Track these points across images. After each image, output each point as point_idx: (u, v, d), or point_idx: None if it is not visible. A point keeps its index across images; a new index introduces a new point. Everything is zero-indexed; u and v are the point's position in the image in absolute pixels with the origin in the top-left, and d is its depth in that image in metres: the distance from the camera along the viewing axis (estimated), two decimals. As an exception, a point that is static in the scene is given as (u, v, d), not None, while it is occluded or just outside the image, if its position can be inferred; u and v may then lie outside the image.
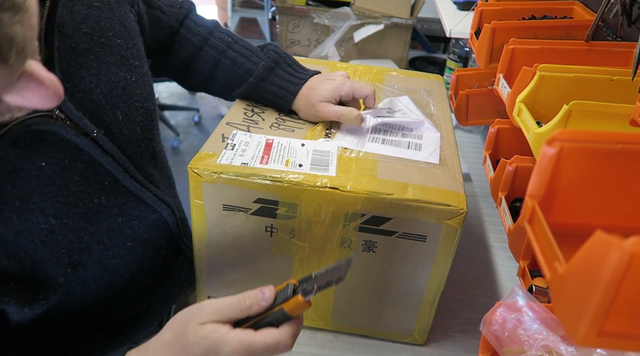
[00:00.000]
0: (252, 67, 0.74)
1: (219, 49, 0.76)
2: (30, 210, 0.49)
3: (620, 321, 0.27)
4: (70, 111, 0.51)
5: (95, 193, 0.55)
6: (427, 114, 0.76)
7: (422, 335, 0.70)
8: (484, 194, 1.06)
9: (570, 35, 0.71)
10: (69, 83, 0.52)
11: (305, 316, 0.71)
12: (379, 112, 0.74)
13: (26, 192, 0.49)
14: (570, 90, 0.55)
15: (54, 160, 0.50)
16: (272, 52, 0.75)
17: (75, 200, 0.53)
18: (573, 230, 0.37)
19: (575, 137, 0.36)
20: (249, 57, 0.75)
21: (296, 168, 0.60)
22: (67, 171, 0.52)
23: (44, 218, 0.50)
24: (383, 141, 0.68)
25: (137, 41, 0.64)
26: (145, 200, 0.61)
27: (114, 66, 0.58)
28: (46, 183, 0.50)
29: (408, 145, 0.68)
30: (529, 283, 0.58)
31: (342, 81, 0.72)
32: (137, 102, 0.61)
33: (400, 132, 0.70)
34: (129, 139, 0.60)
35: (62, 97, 0.37)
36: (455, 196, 0.58)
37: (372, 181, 0.59)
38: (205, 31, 0.77)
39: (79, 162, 0.53)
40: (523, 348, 0.45)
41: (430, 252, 0.61)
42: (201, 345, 0.45)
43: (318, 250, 0.64)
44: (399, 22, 1.48)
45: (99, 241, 0.56)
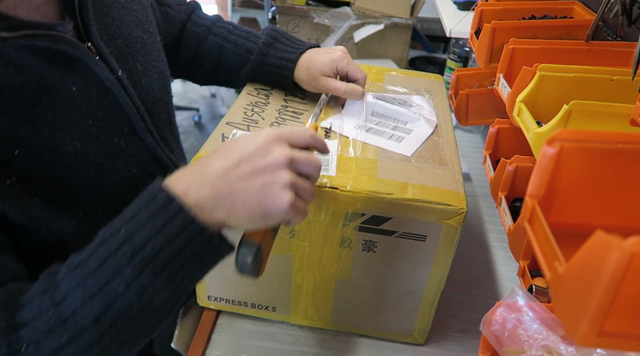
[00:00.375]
0: (253, 46, 0.79)
1: (222, 35, 0.82)
2: (59, 128, 0.53)
3: (620, 321, 0.27)
4: (100, 46, 0.57)
5: (115, 134, 0.59)
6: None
7: (422, 334, 0.70)
8: (484, 194, 1.06)
9: (570, 35, 0.71)
10: (98, 24, 0.58)
11: (305, 316, 0.71)
12: (382, 96, 0.74)
13: (58, 109, 0.53)
14: (570, 90, 0.55)
15: (82, 88, 0.55)
16: (270, 31, 0.80)
17: (98, 133, 0.57)
18: (573, 230, 0.37)
19: (576, 137, 0.36)
20: (248, 39, 0.80)
21: None
22: (93, 103, 0.56)
23: (71, 141, 0.54)
24: (369, 129, 0.69)
25: (150, 16, 0.71)
26: (160, 160, 0.65)
27: (132, 25, 0.65)
28: (74, 108, 0.54)
29: (390, 136, 0.68)
30: (529, 283, 0.58)
31: (340, 55, 0.74)
32: (154, 62, 0.67)
33: (393, 124, 0.71)
34: (147, 92, 0.65)
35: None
36: (455, 195, 0.58)
37: (372, 180, 0.59)
38: (208, 22, 0.84)
39: (104, 98, 0.58)
40: (523, 348, 0.45)
41: (430, 252, 0.61)
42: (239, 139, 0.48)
43: (318, 250, 0.64)
44: (399, 22, 1.48)
45: (115, 187, 0.59)
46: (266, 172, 0.44)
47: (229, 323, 0.73)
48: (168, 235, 0.42)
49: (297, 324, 0.73)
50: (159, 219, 0.42)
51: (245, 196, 0.44)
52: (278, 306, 0.71)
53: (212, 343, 0.70)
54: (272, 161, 0.45)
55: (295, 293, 0.69)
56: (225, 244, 0.46)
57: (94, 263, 0.43)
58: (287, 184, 0.45)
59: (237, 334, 0.72)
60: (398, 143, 0.67)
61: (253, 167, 0.44)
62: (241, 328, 0.72)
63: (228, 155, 0.45)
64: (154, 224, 0.42)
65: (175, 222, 0.42)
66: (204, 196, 0.44)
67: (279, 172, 0.45)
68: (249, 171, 0.44)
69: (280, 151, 0.45)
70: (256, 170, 0.44)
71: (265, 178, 0.44)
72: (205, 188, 0.44)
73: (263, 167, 0.45)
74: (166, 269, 0.43)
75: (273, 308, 0.71)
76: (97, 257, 0.43)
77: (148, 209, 0.43)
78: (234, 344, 0.70)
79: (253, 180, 0.44)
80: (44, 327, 0.41)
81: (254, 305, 0.71)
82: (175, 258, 0.43)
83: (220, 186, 0.44)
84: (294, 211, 0.46)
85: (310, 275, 0.66)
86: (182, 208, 0.42)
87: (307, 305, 0.70)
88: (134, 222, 0.43)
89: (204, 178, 0.44)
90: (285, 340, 0.71)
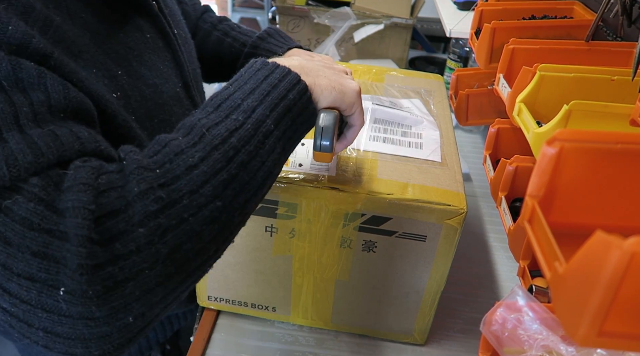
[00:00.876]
0: (248, 40, 0.87)
1: (224, 31, 0.90)
2: (143, 63, 0.59)
3: (621, 321, 0.27)
4: (160, 3, 0.65)
5: (176, 84, 0.66)
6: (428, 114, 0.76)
7: (422, 335, 0.70)
8: (484, 194, 1.06)
9: (570, 35, 0.71)
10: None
11: (305, 316, 0.71)
12: (380, 101, 0.74)
13: (140, 47, 0.60)
14: (571, 90, 0.55)
15: (153, 38, 0.62)
16: (267, 29, 0.88)
17: (168, 78, 0.64)
18: (573, 230, 0.37)
19: (576, 137, 0.36)
20: (247, 34, 0.89)
21: (296, 168, 0.60)
22: (161, 52, 0.64)
23: (151, 76, 0.60)
24: (384, 139, 0.68)
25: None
26: None
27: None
28: (151, 51, 0.61)
29: (409, 144, 0.68)
30: (529, 283, 0.58)
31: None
32: (187, 35, 0.75)
33: (400, 130, 0.70)
34: (190, 57, 0.72)
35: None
36: (455, 195, 0.58)
37: (372, 180, 0.59)
38: (215, 20, 0.91)
39: (167, 52, 0.65)
40: (523, 348, 0.45)
41: (430, 252, 0.61)
42: None
43: (318, 250, 0.64)
44: (399, 22, 1.48)
45: None
46: (341, 73, 0.54)
47: (229, 323, 0.73)
48: (272, 83, 0.47)
49: (297, 324, 0.73)
50: (261, 73, 0.48)
51: (326, 73, 0.51)
52: (278, 306, 0.71)
53: (212, 343, 0.70)
54: (348, 79, 0.53)
55: (295, 293, 0.69)
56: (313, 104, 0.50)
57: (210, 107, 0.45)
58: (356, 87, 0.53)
59: (237, 334, 0.72)
60: (421, 150, 0.67)
61: (334, 70, 0.53)
62: (241, 328, 0.72)
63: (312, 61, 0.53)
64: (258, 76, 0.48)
65: (276, 73, 0.48)
66: (292, 64, 0.50)
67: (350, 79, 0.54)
68: (330, 70, 0.53)
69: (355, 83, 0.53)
70: (336, 71, 0.53)
71: (341, 75, 0.53)
72: (293, 61, 0.51)
73: (339, 71, 0.54)
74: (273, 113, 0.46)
75: (273, 308, 0.71)
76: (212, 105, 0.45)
77: (249, 71, 0.49)
78: (234, 344, 0.70)
79: (331, 71, 0.52)
80: (175, 149, 0.41)
81: (254, 305, 0.71)
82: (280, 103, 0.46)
83: (305, 63, 0.51)
84: (360, 103, 0.53)
85: (310, 275, 0.66)
86: (278, 64, 0.49)
87: (307, 305, 0.70)
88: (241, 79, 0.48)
89: (291, 60, 0.51)
90: (286, 340, 0.71)
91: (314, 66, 0.51)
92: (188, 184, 0.39)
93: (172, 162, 0.40)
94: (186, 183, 0.39)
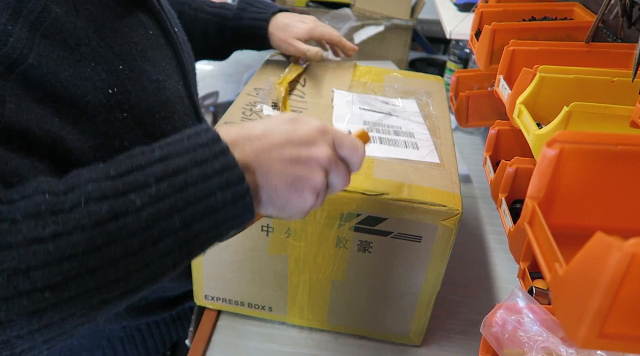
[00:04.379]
0: (229, 13, 0.89)
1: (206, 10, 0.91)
2: (147, 59, 0.59)
3: (621, 323, 0.27)
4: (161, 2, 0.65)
5: (178, 82, 0.66)
6: (425, 115, 0.76)
7: (418, 336, 0.70)
8: (484, 196, 1.06)
9: (570, 36, 0.71)
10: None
11: (301, 316, 0.71)
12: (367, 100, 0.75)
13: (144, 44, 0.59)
14: (571, 91, 0.55)
15: (156, 35, 0.63)
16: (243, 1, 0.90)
17: (170, 75, 0.63)
18: (573, 231, 0.37)
19: (576, 138, 0.36)
20: (226, 8, 0.90)
21: None
22: (163, 50, 0.64)
23: (155, 72, 0.60)
24: (380, 140, 0.68)
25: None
26: (201, 120, 0.72)
27: None
28: (154, 48, 0.61)
29: (405, 143, 0.68)
30: (529, 285, 0.58)
31: (314, 25, 0.88)
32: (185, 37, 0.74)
33: (392, 130, 0.71)
34: (188, 55, 0.71)
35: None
36: (450, 196, 0.58)
37: (368, 179, 0.59)
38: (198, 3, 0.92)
39: (168, 49, 0.65)
40: (523, 349, 0.45)
41: (426, 253, 0.61)
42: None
43: (314, 250, 0.64)
44: (399, 23, 1.48)
45: None
46: (306, 165, 0.43)
47: (230, 325, 0.73)
48: (205, 171, 0.38)
49: (295, 324, 0.73)
50: (200, 152, 0.39)
51: (278, 181, 0.42)
52: (274, 306, 0.71)
53: (212, 344, 0.70)
54: (315, 156, 0.43)
55: (292, 293, 0.69)
56: (253, 212, 0.42)
57: (114, 170, 0.37)
58: (318, 187, 0.43)
59: (238, 336, 0.71)
60: (417, 150, 0.67)
61: (297, 154, 0.43)
62: (242, 330, 0.72)
63: (276, 130, 0.43)
64: (194, 156, 0.38)
65: (217, 161, 0.39)
66: (246, 157, 0.41)
67: (315, 171, 0.43)
68: (292, 156, 0.42)
69: (325, 150, 0.44)
70: (299, 158, 0.43)
71: (302, 170, 0.43)
72: (249, 155, 0.41)
73: (305, 159, 0.43)
74: (188, 209, 0.38)
75: (269, 308, 0.71)
76: (120, 166, 0.37)
77: (191, 141, 0.39)
78: (235, 345, 0.70)
79: (291, 167, 0.42)
80: (30, 210, 0.34)
81: (251, 304, 0.71)
82: (202, 201, 0.38)
83: (261, 159, 0.41)
84: (307, 213, 0.45)
85: (306, 275, 0.66)
86: (227, 150, 0.39)
87: (303, 305, 0.70)
88: (173, 147, 0.39)
89: (250, 143, 0.42)
90: (286, 342, 0.71)
91: (272, 168, 0.41)
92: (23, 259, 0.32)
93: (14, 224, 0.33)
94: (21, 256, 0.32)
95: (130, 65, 0.56)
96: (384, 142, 0.67)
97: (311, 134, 0.44)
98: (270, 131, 0.43)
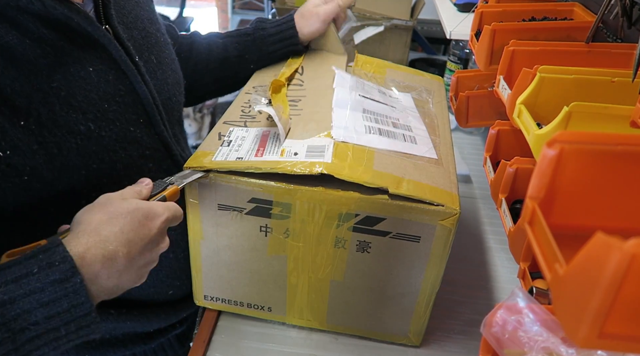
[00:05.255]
0: (248, 29, 0.86)
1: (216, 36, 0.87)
2: (72, 106, 0.52)
3: (621, 323, 0.27)
4: (118, 30, 0.59)
5: (132, 122, 0.59)
6: (424, 112, 0.76)
7: (417, 336, 0.70)
8: (485, 196, 1.06)
9: (570, 36, 0.71)
10: (116, 11, 0.60)
11: (300, 316, 0.71)
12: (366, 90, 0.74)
13: (73, 87, 0.53)
14: (571, 91, 0.55)
15: (100, 70, 0.56)
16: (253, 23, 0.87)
17: (114, 118, 0.57)
18: (573, 232, 0.37)
19: (576, 138, 0.36)
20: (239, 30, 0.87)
21: (291, 157, 0.60)
22: (110, 86, 0.57)
23: (85, 121, 0.53)
24: (380, 131, 0.68)
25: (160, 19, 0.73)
26: (174, 156, 0.66)
27: (147, 21, 0.66)
28: (91, 88, 0.54)
29: (403, 137, 0.68)
30: (530, 285, 0.58)
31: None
32: (167, 59, 0.68)
33: (390, 121, 0.70)
34: (162, 86, 0.65)
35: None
36: (449, 196, 0.58)
37: (368, 171, 0.59)
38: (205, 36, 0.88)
39: (121, 84, 0.58)
40: (523, 349, 0.45)
41: (425, 253, 0.61)
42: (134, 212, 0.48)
43: (312, 250, 0.64)
44: (399, 23, 1.48)
45: (128, 178, 0.57)
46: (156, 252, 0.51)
47: (230, 325, 0.73)
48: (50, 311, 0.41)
49: (294, 325, 0.73)
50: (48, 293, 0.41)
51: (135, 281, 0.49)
52: (273, 306, 0.71)
53: (213, 345, 0.70)
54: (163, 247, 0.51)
55: (290, 293, 0.69)
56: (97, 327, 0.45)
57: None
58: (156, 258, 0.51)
59: (238, 336, 0.71)
60: (416, 145, 0.66)
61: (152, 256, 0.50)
62: (242, 330, 0.72)
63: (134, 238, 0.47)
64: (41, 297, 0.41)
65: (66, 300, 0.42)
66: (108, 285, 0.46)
67: (160, 247, 0.51)
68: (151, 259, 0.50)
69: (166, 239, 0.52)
70: (153, 258, 0.50)
71: (152, 257, 0.50)
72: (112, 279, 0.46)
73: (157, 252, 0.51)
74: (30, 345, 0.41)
75: (268, 308, 0.71)
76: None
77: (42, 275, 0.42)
78: (235, 346, 0.70)
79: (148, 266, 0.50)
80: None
81: (250, 304, 0.71)
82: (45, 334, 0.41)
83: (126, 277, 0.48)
84: None
85: (304, 275, 0.66)
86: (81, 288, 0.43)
87: (302, 305, 0.70)
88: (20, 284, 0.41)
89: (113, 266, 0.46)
90: (286, 342, 0.71)
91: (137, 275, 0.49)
92: None
93: None
94: None
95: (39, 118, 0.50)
96: (384, 134, 0.67)
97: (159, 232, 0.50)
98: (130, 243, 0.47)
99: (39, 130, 0.50)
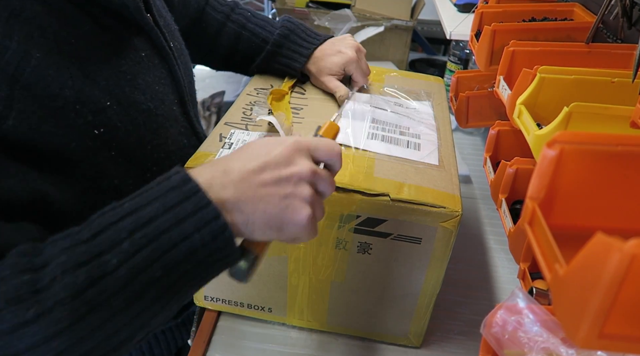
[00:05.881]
0: (268, 36, 0.82)
1: (240, 22, 0.84)
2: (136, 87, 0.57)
3: (621, 323, 0.27)
4: (156, 18, 0.63)
5: (173, 102, 0.65)
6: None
7: (417, 337, 0.70)
8: (485, 196, 1.06)
9: (570, 37, 0.71)
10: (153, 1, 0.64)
11: (301, 317, 0.71)
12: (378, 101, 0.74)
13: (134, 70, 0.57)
14: (571, 92, 0.55)
15: (149, 55, 0.61)
16: (286, 22, 0.82)
17: (163, 98, 0.62)
18: (573, 232, 0.37)
19: (576, 139, 0.36)
20: (265, 28, 0.83)
21: None
22: (157, 70, 0.62)
23: (145, 101, 0.58)
24: (382, 138, 0.68)
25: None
26: (199, 136, 0.71)
27: (163, 9, 0.70)
28: (146, 72, 0.59)
29: (407, 143, 0.68)
30: (530, 285, 0.57)
31: (350, 58, 0.78)
32: (182, 46, 0.72)
33: (398, 130, 0.70)
34: (186, 70, 0.70)
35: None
36: (450, 198, 0.58)
37: (369, 178, 0.59)
38: (227, 9, 0.86)
39: (163, 68, 0.63)
40: (523, 350, 0.45)
41: (426, 254, 0.61)
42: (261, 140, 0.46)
43: (313, 251, 0.64)
44: (399, 24, 1.48)
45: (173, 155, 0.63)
46: (289, 182, 0.43)
47: (230, 326, 0.73)
48: (178, 215, 0.38)
49: (294, 325, 0.73)
50: (171, 197, 0.38)
51: (267, 204, 0.42)
52: (274, 307, 0.71)
53: (213, 345, 0.70)
54: (296, 172, 0.43)
55: (291, 294, 0.69)
56: (235, 246, 0.42)
57: (87, 233, 0.37)
58: (308, 198, 0.43)
59: (238, 336, 0.71)
60: (418, 151, 0.67)
61: (278, 175, 0.42)
62: (242, 331, 0.72)
63: (252, 157, 0.43)
64: (165, 201, 0.38)
65: (188, 203, 0.38)
66: (225, 195, 0.41)
67: (301, 186, 0.43)
68: (273, 178, 0.42)
69: (305, 164, 0.44)
70: (280, 179, 0.42)
71: (287, 188, 0.42)
72: (228, 188, 0.41)
73: (287, 177, 0.43)
74: (167, 256, 0.38)
75: (269, 309, 0.71)
76: (92, 227, 0.37)
77: (160, 187, 0.39)
78: (235, 346, 0.70)
79: (276, 188, 0.42)
80: (11, 295, 0.34)
81: (250, 305, 0.71)
82: (179, 245, 0.38)
83: (243, 188, 0.41)
84: (310, 227, 0.44)
85: (305, 276, 0.66)
86: (198, 189, 0.39)
87: (302, 306, 0.70)
88: (142, 197, 0.39)
89: (227, 176, 0.41)
90: (286, 343, 0.71)
91: (255, 194, 0.42)
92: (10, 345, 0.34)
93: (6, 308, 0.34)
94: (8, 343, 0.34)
95: (118, 98, 0.54)
96: (386, 140, 0.67)
97: (287, 152, 0.44)
98: (246, 160, 0.43)
99: (119, 108, 0.54)
